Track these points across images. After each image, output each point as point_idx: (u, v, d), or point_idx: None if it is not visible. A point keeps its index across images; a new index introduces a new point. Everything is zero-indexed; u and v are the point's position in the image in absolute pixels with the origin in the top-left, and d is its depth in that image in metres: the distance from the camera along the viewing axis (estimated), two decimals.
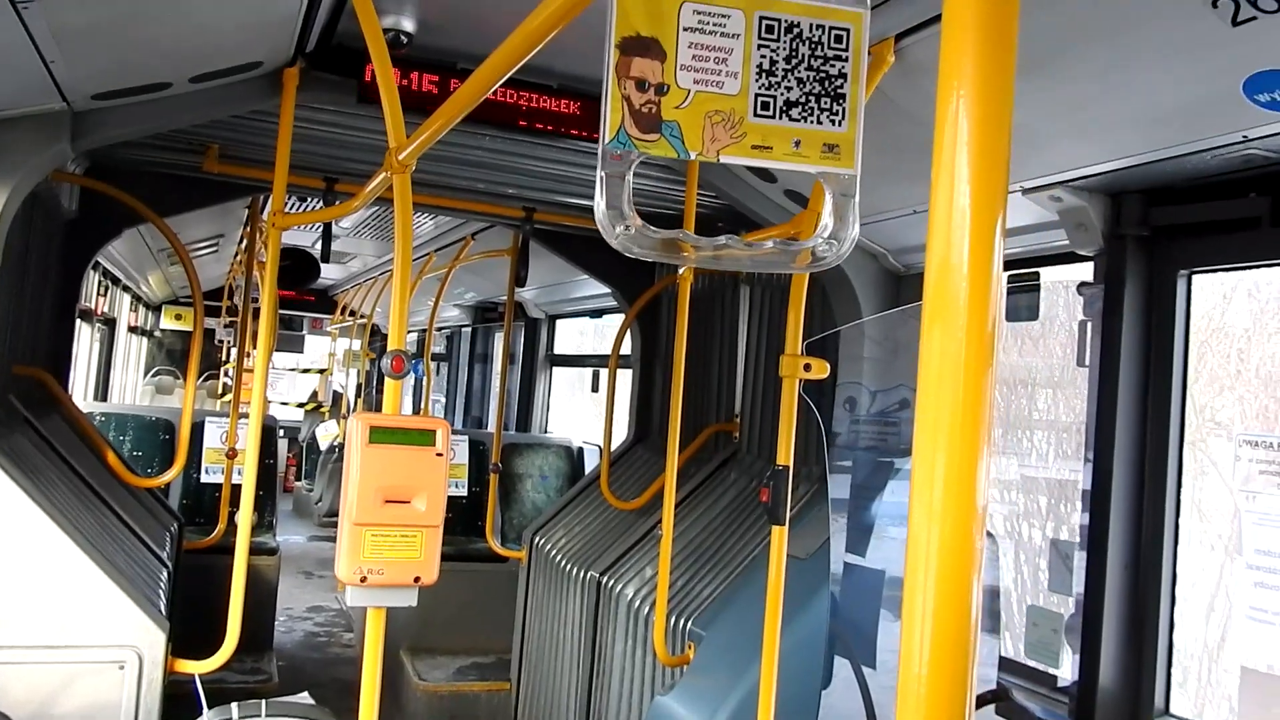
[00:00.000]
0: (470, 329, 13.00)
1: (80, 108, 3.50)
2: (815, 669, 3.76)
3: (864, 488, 3.94)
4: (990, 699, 3.21)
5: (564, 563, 5.76)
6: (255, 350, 8.18)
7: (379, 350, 13.92)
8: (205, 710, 3.38)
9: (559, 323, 10.01)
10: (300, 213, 6.85)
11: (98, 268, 9.11)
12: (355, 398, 15.21)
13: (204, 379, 15.80)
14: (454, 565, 5.98)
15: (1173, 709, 3.00)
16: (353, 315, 15.20)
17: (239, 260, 10.51)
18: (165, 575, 4.54)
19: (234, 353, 10.91)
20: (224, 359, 16.32)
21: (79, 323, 7.14)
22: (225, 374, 16.13)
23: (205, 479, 7.07)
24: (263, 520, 7.14)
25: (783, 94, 1.45)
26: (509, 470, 7.91)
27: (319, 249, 6.36)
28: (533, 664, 6.13)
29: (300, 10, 3.15)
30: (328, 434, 14.89)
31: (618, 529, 5.74)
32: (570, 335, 10.51)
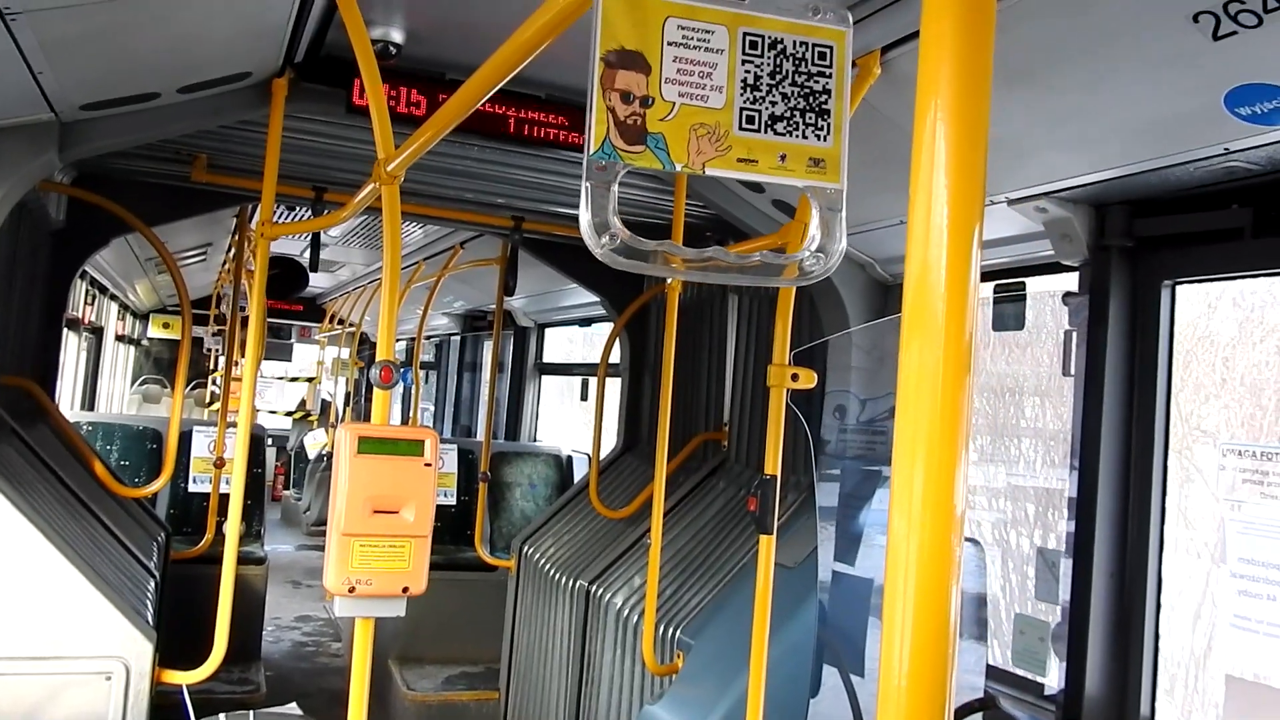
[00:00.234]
0: (459, 337, 12.98)
1: (68, 118, 3.50)
2: (803, 677, 3.76)
3: (852, 496, 3.95)
4: (977, 707, 3.21)
5: (553, 571, 5.75)
6: (243, 359, 8.17)
7: (368, 358, 13.89)
8: None
9: (548, 331, 10.00)
10: (289, 223, 6.85)
11: (85, 276, 9.07)
12: (344, 406, 15.16)
13: (191, 388, 15.75)
14: (443, 574, 5.95)
15: (1159, 717, 3.02)
16: (341, 323, 15.16)
17: (227, 269, 10.48)
18: (152, 585, 4.52)
19: (222, 361, 10.88)
20: (212, 368, 16.26)
21: (66, 332, 7.11)
22: (213, 383, 16.06)
23: (193, 488, 7.03)
24: (250, 529, 7.13)
25: (767, 108, 1.45)
26: (498, 479, 7.89)
27: (308, 258, 6.35)
28: (521, 673, 6.12)
29: (289, 21, 3.16)
30: (316, 442, 14.84)
31: (606, 538, 5.74)
32: (559, 344, 10.51)
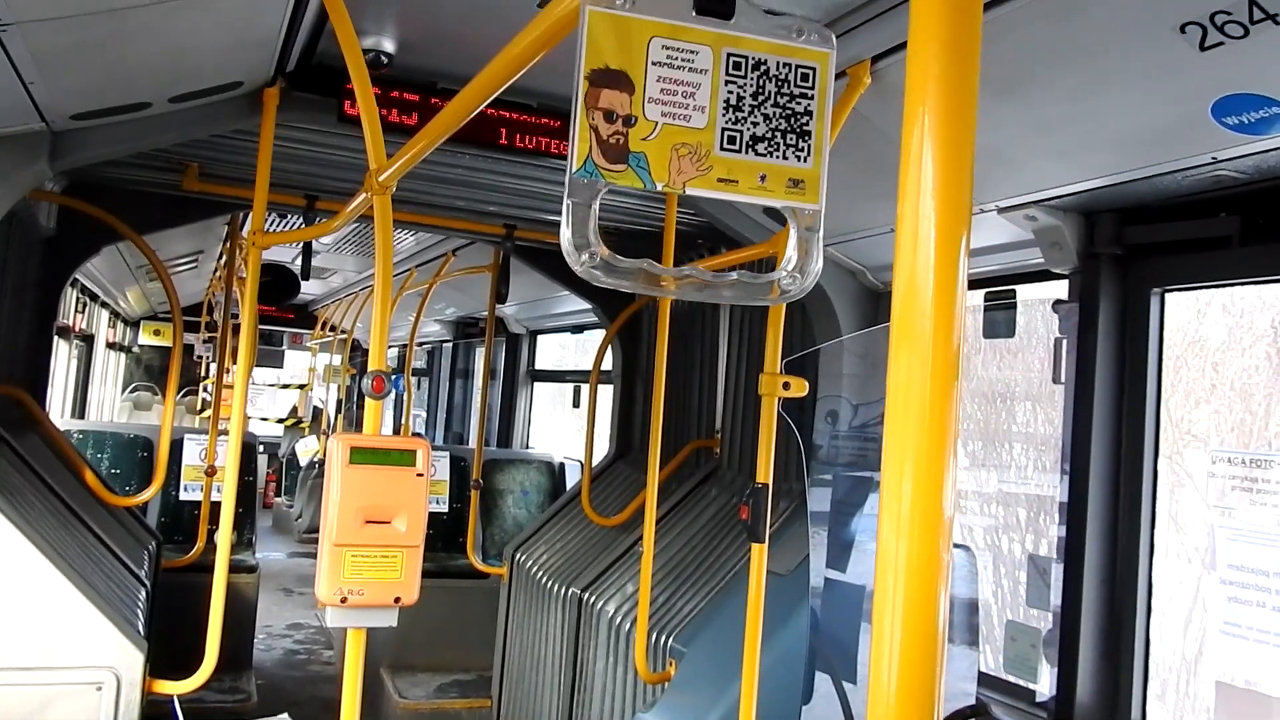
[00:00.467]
0: (451, 344, 12.97)
1: (59, 128, 3.50)
2: (796, 685, 3.76)
3: (844, 502, 3.95)
4: (969, 714, 3.21)
5: (545, 579, 5.75)
6: (235, 366, 8.15)
7: (359, 365, 13.87)
8: None
9: (540, 338, 10.01)
10: (281, 232, 6.83)
11: (75, 284, 9.05)
12: (335, 413, 15.13)
13: (183, 395, 15.69)
14: (435, 582, 5.94)
15: None
16: (333, 330, 15.14)
17: (218, 276, 10.46)
18: (143, 594, 4.50)
19: (213, 368, 10.86)
20: (203, 375, 16.21)
21: (56, 339, 7.09)
22: (204, 390, 16.02)
23: (184, 496, 7.00)
24: (242, 538, 7.10)
25: (749, 129, 1.46)
26: (490, 486, 7.88)
27: (299, 265, 6.34)
28: (514, 681, 6.10)
29: (280, 31, 3.16)
30: (308, 450, 14.79)
31: (599, 545, 5.73)
32: (551, 351, 10.51)
